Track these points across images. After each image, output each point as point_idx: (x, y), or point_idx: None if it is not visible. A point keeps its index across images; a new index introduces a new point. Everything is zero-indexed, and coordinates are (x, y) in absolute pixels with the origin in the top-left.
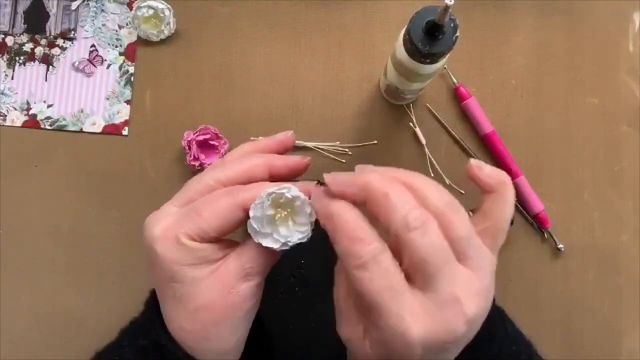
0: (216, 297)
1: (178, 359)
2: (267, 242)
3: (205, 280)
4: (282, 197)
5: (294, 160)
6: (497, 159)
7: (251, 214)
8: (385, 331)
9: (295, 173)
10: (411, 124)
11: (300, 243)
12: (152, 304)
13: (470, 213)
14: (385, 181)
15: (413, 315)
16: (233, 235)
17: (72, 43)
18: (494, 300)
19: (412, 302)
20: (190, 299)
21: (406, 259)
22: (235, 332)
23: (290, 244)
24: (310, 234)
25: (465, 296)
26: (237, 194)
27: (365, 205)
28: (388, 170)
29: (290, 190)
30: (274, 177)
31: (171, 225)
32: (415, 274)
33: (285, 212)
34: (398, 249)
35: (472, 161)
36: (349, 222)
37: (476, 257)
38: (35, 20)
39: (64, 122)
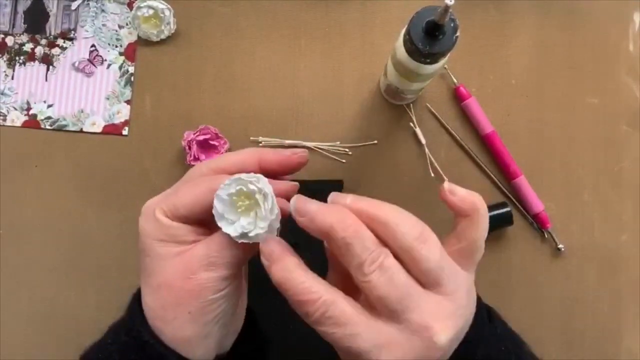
0: (177, 279)
1: (159, 353)
2: (226, 228)
3: (171, 259)
4: (247, 186)
5: (283, 154)
6: (497, 159)
7: (216, 194)
8: None
9: (287, 169)
10: (411, 124)
11: (296, 243)
12: (135, 300)
13: None
14: (347, 224)
15: (387, 348)
16: None
17: (72, 43)
18: (481, 300)
19: (385, 335)
20: (154, 274)
21: (366, 295)
22: (196, 324)
23: (250, 235)
24: (275, 233)
25: (437, 322)
26: (215, 180)
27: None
28: (359, 200)
29: (260, 181)
30: (265, 171)
31: (153, 202)
32: (381, 309)
33: (248, 202)
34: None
35: (446, 185)
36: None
37: (448, 282)
38: (35, 20)
39: (64, 122)
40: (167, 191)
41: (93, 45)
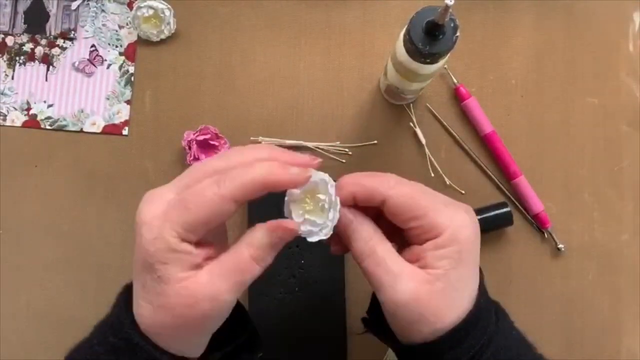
0: (179, 306)
1: (148, 354)
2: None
3: (173, 284)
4: (322, 192)
5: (303, 159)
6: (497, 159)
7: (289, 191)
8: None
9: (297, 186)
10: (411, 124)
11: (298, 245)
12: (123, 299)
13: None
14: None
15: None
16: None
17: (72, 43)
18: (490, 298)
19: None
20: (155, 294)
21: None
22: (194, 340)
23: (322, 233)
24: (325, 237)
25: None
26: (222, 184)
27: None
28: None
29: (333, 188)
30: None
31: (159, 214)
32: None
33: (313, 204)
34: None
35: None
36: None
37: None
38: (36, 20)
39: (64, 122)
40: (171, 201)
41: (93, 45)
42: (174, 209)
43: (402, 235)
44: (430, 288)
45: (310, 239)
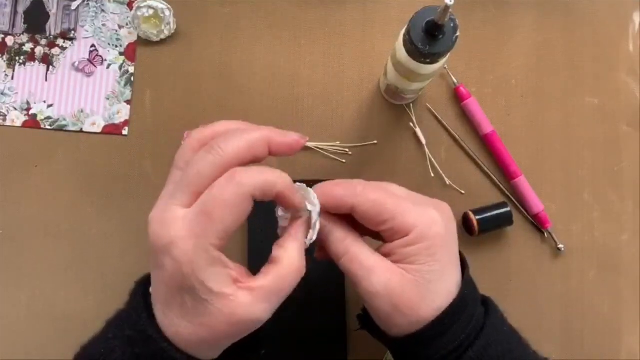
0: (221, 324)
1: (163, 349)
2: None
3: (215, 303)
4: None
5: (293, 138)
6: (497, 159)
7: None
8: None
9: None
10: (411, 124)
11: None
12: (138, 295)
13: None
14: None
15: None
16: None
17: (72, 43)
18: (480, 296)
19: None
20: (197, 314)
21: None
22: (226, 346)
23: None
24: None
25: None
26: (240, 182)
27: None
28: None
29: (316, 200)
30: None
31: (185, 235)
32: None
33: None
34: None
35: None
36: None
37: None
38: (35, 20)
39: (64, 122)
40: (188, 216)
41: (93, 45)
42: (199, 224)
43: (377, 235)
44: (402, 280)
45: None
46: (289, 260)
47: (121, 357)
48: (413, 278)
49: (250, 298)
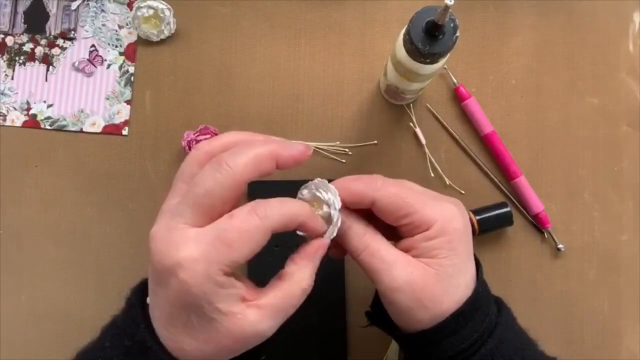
0: (228, 341)
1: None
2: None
3: (222, 321)
4: (328, 204)
5: (299, 150)
6: (497, 159)
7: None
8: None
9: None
10: (411, 124)
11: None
12: (135, 304)
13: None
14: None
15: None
16: None
17: (72, 43)
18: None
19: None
20: (201, 331)
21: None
22: (228, 358)
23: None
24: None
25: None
26: (264, 216)
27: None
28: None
29: (336, 197)
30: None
31: (197, 257)
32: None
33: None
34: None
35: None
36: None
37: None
38: (35, 20)
39: (64, 122)
40: (201, 239)
41: (93, 45)
42: (216, 250)
43: (393, 229)
44: (425, 273)
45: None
46: (299, 279)
47: None
48: (435, 272)
49: (257, 316)
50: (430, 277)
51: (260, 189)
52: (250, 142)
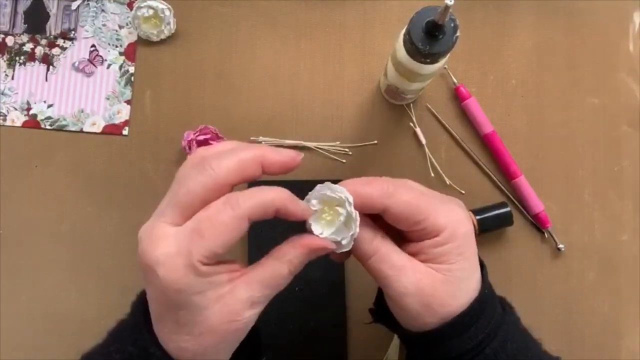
0: (222, 323)
1: None
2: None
3: (212, 307)
4: (340, 206)
5: (288, 155)
6: (497, 159)
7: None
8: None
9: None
10: (411, 124)
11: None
12: (140, 309)
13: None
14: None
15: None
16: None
17: (72, 43)
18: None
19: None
20: (194, 324)
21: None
22: (232, 348)
23: (343, 244)
24: (347, 249)
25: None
26: (236, 205)
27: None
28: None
29: (350, 198)
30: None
31: (174, 252)
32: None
33: (332, 213)
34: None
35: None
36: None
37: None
38: (36, 20)
39: (64, 122)
40: (179, 234)
41: (93, 45)
42: (189, 241)
43: (396, 229)
44: (434, 279)
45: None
46: (289, 256)
47: None
48: (444, 277)
49: (247, 290)
50: (439, 282)
51: None
52: (237, 149)
